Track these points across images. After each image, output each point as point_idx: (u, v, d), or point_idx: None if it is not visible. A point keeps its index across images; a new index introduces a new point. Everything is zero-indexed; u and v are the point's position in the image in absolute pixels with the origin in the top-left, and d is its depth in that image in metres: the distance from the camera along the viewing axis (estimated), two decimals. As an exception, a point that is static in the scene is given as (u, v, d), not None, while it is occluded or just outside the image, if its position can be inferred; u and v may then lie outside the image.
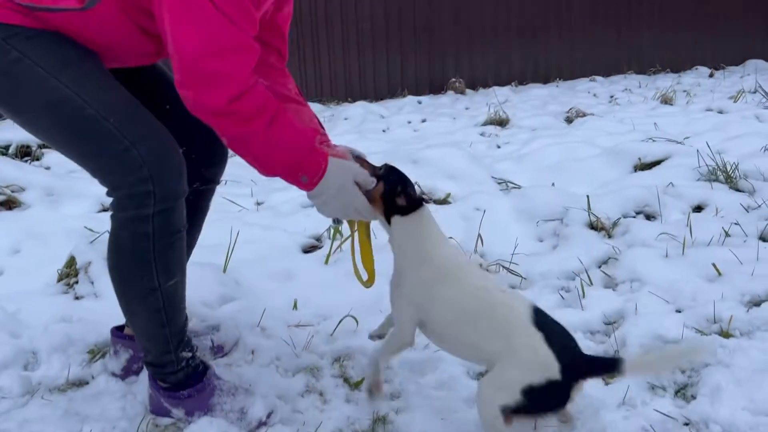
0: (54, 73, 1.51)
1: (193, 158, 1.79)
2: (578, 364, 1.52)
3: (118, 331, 1.97)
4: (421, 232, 1.71)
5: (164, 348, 1.71)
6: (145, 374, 1.87)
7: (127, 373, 1.95)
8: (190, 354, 1.76)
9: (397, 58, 9.11)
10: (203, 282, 2.52)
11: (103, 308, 2.39)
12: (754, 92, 6.85)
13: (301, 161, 1.62)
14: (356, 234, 1.88)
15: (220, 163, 2.00)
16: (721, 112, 5.81)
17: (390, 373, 2.04)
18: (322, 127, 1.97)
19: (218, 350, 2.11)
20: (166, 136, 1.64)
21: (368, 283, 1.90)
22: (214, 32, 1.45)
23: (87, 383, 1.98)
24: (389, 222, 1.74)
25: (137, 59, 1.72)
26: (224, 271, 2.71)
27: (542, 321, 1.56)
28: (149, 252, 1.61)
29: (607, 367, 1.57)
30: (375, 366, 1.82)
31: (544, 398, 1.50)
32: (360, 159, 1.82)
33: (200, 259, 2.89)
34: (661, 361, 1.57)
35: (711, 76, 9.60)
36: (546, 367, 1.48)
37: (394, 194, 1.71)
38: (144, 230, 1.59)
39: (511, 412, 1.51)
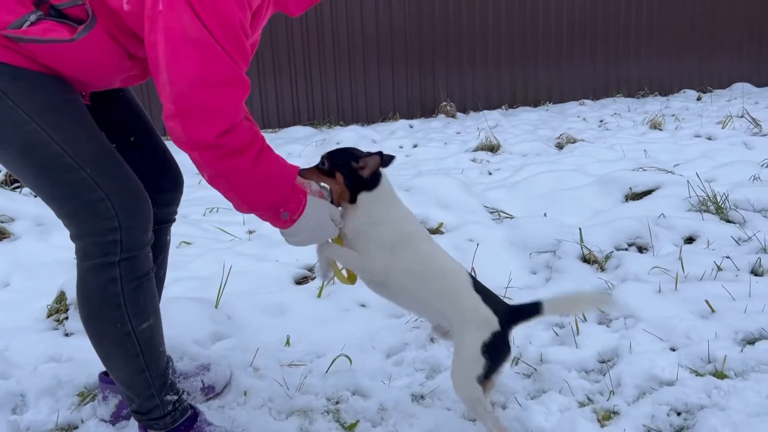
0: (34, 117, 1.49)
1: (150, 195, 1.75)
2: (510, 314, 1.78)
3: (106, 376, 1.94)
4: (387, 198, 1.82)
5: (147, 393, 1.68)
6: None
7: (117, 418, 1.92)
8: (175, 397, 1.74)
9: (388, 82, 9.16)
10: (195, 318, 2.50)
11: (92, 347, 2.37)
12: (741, 116, 6.92)
13: (284, 198, 1.63)
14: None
15: (174, 202, 1.97)
16: (709, 138, 5.87)
17: (383, 413, 2.02)
18: None
19: (209, 391, 2.08)
20: (138, 187, 1.64)
21: (350, 281, 1.91)
22: (211, 64, 1.45)
23: (76, 428, 1.95)
24: (355, 201, 1.79)
25: (123, 82, 1.71)
26: (216, 306, 2.69)
27: (477, 285, 1.81)
28: (118, 296, 1.60)
29: (531, 310, 1.81)
30: (323, 253, 1.85)
31: (496, 351, 1.74)
32: (304, 172, 1.80)
33: (191, 293, 2.88)
34: (572, 304, 1.97)
35: (699, 99, 9.71)
36: (489, 322, 1.73)
37: (356, 171, 1.76)
38: (111, 275, 1.58)
39: (483, 381, 1.72)
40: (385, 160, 1.80)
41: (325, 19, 8.63)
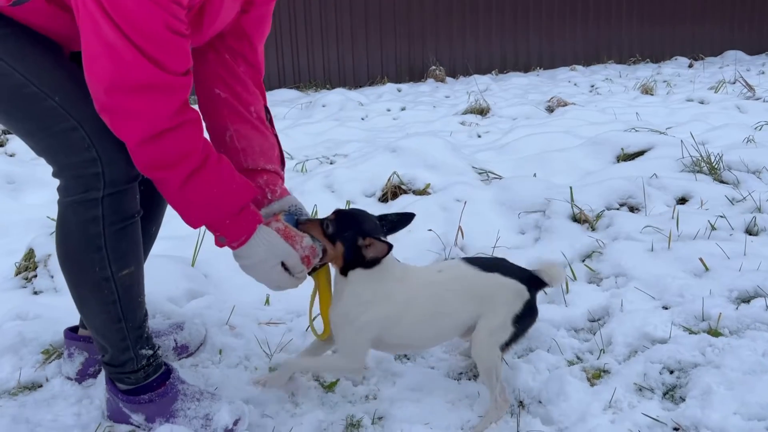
0: None
1: None
2: (532, 279, 1.77)
3: (71, 332, 1.84)
4: (383, 275, 1.69)
5: (122, 345, 1.58)
6: (103, 377, 1.74)
7: (83, 376, 1.82)
8: (150, 351, 1.64)
9: (377, 45, 8.97)
10: (169, 276, 2.39)
11: (62, 304, 2.25)
12: (734, 83, 6.84)
13: (220, 224, 1.52)
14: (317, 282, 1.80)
15: None
16: (702, 103, 5.77)
17: (365, 372, 1.93)
18: (282, 162, 1.84)
19: (182, 350, 1.99)
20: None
21: (323, 336, 1.80)
22: (126, 69, 1.33)
23: (40, 386, 1.84)
24: (345, 274, 1.70)
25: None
26: (192, 264, 2.58)
27: (485, 264, 1.79)
28: (99, 237, 1.49)
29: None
30: (288, 370, 1.81)
31: (527, 318, 1.74)
32: (305, 224, 1.68)
33: (167, 251, 2.77)
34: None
35: (690, 66, 9.61)
36: (519, 293, 1.73)
37: (359, 251, 1.65)
38: (93, 214, 1.48)
39: (504, 348, 1.72)
40: (398, 222, 1.76)
41: (312, -21, 8.40)
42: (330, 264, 1.75)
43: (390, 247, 1.64)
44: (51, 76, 1.45)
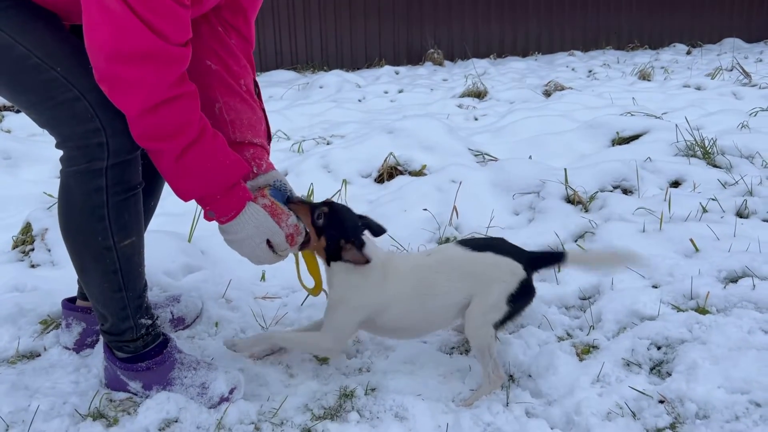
0: None
1: None
2: (533, 260, 1.79)
3: (69, 303, 1.87)
4: (365, 268, 1.72)
5: (122, 314, 1.61)
6: (101, 347, 1.77)
7: (81, 346, 1.85)
8: (149, 321, 1.67)
9: (374, 27, 8.93)
10: (166, 251, 2.42)
11: (59, 277, 2.28)
12: (731, 70, 6.84)
13: (211, 198, 1.55)
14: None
15: None
16: (698, 89, 5.79)
17: (359, 345, 1.97)
18: (269, 137, 1.86)
19: (178, 323, 2.01)
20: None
21: (315, 291, 1.84)
22: (126, 37, 1.34)
23: (39, 355, 1.88)
24: (328, 263, 1.75)
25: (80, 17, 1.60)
26: (189, 240, 2.60)
27: (478, 244, 1.82)
28: (102, 207, 1.51)
29: (553, 258, 1.85)
30: (267, 342, 1.82)
31: (522, 298, 1.75)
32: (296, 204, 1.71)
33: (164, 227, 2.79)
34: (598, 260, 1.93)
35: (688, 53, 9.60)
36: (514, 272, 1.73)
37: (339, 249, 1.70)
38: (97, 184, 1.49)
39: (498, 326, 1.74)
40: (375, 231, 1.77)
41: (310, -41, 8.34)
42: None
43: (368, 262, 1.68)
44: (53, 47, 1.46)
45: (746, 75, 5.91)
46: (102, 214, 1.52)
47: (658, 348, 1.84)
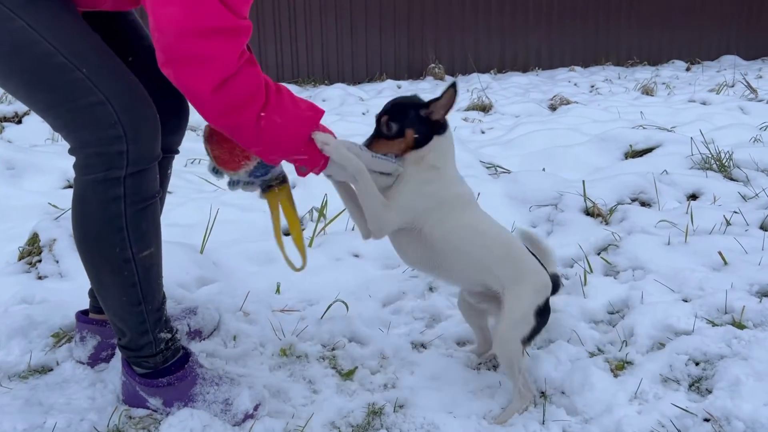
0: (19, 13, 1.32)
1: None
2: (555, 280, 1.77)
3: (83, 315, 1.79)
4: (450, 165, 1.67)
5: (141, 328, 1.53)
6: (116, 361, 1.69)
7: (96, 360, 1.77)
8: (169, 335, 1.59)
9: (376, 42, 8.92)
10: (178, 262, 2.34)
11: (69, 289, 2.20)
12: (733, 86, 6.85)
13: (299, 151, 1.49)
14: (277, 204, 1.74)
15: (178, 130, 1.79)
16: (704, 104, 5.78)
17: (382, 361, 1.90)
18: None
19: (196, 335, 1.94)
20: (142, 91, 1.47)
21: (301, 267, 1.76)
22: (199, 10, 1.29)
23: (51, 370, 1.79)
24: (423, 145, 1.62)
25: (113, 5, 1.53)
26: (201, 251, 2.53)
27: (526, 245, 1.77)
28: (121, 217, 1.44)
29: (556, 286, 1.80)
30: (350, 167, 1.55)
31: (545, 315, 1.69)
32: (373, 145, 1.62)
33: (175, 238, 2.71)
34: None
35: (688, 69, 9.64)
36: (546, 286, 1.70)
37: (428, 123, 1.61)
38: (114, 193, 1.43)
39: (525, 341, 1.66)
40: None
41: (312, -26, 8.35)
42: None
43: (453, 86, 1.58)
44: (79, 46, 1.40)
45: (752, 90, 5.91)
46: (120, 225, 1.45)
47: (696, 364, 1.77)
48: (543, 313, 1.68)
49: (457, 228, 1.63)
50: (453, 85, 1.58)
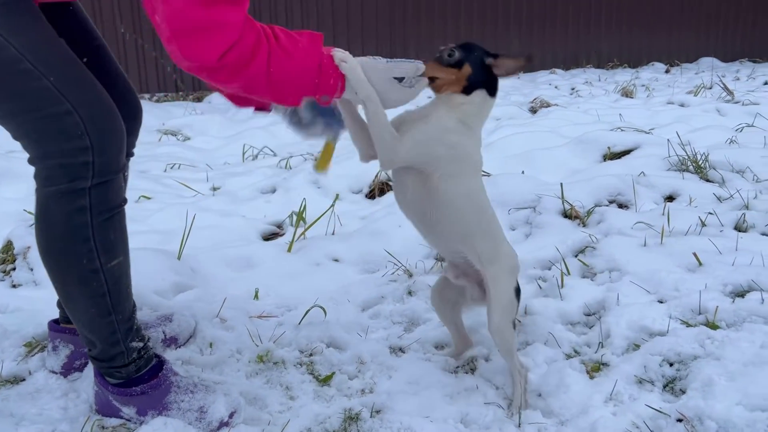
0: None
1: None
2: None
3: (56, 324, 1.76)
4: (487, 109, 1.68)
5: (112, 339, 1.52)
6: (90, 371, 1.67)
7: (69, 370, 1.75)
8: (141, 344, 1.58)
9: (358, 51, 8.80)
10: (155, 269, 2.32)
11: (43, 297, 2.17)
12: (711, 87, 6.93)
13: (313, 85, 1.45)
14: None
15: (133, 132, 1.76)
16: (682, 105, 5.84)
17: (360, 366, 1.89)
18: None
19: (171, 342, 1.92)
20: (110, 102, 1.45)
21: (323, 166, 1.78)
22: None
23: (23, 380, 1.77)
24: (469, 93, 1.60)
25: None
26: (179, 258, 2.51)
27: None
28: (87, 228, 1.42)
29: None
30: (361, 90, 1.51)
31: (519, 295, 1.75)
32: (428, 67, 1.58)
33: (151, 245, 2.69)
34: None
35: (667, 72, 9.74)
36: (517, 268, 1.75)
37: (489, 67, 1.61)
38: (79, 204, 1.40)
39: (514, 324, 1.71)
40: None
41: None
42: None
43: (530, 59, 1.63)
44: (47, 53, 1.37)
45: (729, 92, 5.98)
46: (87, 236, 1.43)
47: (671, 364, 1.79)
48: (518, 293, 1.74)
49: (463, 188, 1.62)
50: (529, 57, 1.61)
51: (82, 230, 1.42)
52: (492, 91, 1.65)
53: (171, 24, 1.29)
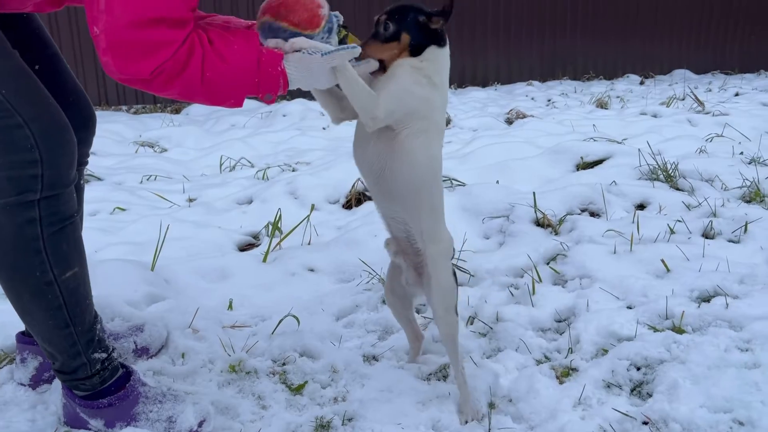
0: None
1: None
2: None
3: (24, 336, 1.75)
4: (445, 64, 1.65)
5: (72, 351, 1.50)
6: (58, 383, 1.66)
7: (38, 382, 1.74)
8: (104, 354, 1.57)
9: (336, 57, 8.96)
10: (127, 280, 2.31)
11: (10, 308, 2.12)
12: (683, 99, 7.06)
13: (254, 84, 1.44)
14: None
15: (86, 142, 1.77)
16: (655, 116, 5.93)
17: (333, 375, 1.90)
18: None
19: (143, 352, 1.91)
20: (61, 114, 1.44)
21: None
22: (149, 4, 1.28)
23: (-9, 393, 1.75)
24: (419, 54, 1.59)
25: (36, 6, 1.51)
26: (152, 268, 2.50)
27: None
28: (37, 240, 1.41)
29: None
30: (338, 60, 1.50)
31: (456, 277, 1.72)
32: (366, 49, 1.56)
33: (124, 257, 2.68)
34: None
35: (642, 83, 9.90)
36: (453, 250, 1.74)
37: (426, 31, 1.60)
38: (29, 216, 1.40)
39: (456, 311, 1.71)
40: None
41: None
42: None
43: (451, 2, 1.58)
44: (0, 67, 1.37)
45: (700, 103, 6.10)
46: (37, 248, 1.42)
47: (638, 369, 1.82)
48: (455, 275, 1.72)
49: (426, 148, 1.59)
50: (451, 2, 1.58)
51: (33, 242, 1.41)
52: (441, 42, 1.63)
53: (110, 37, 1.30)
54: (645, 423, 1.59)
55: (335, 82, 1.54)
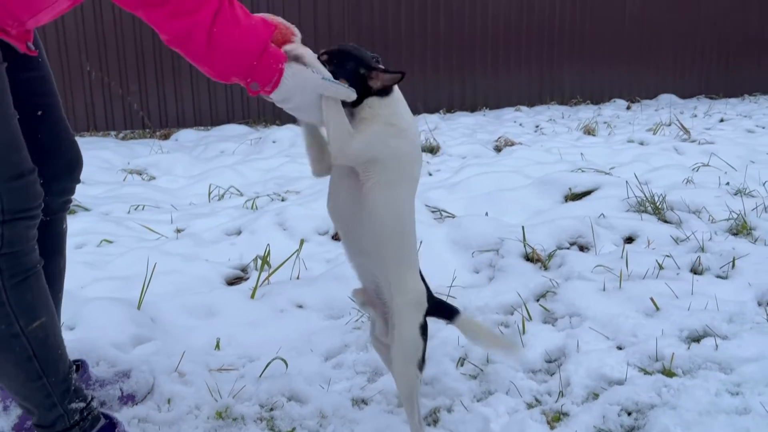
0: None
1: (42, 183, 1.49)
2: (432, 303, 1.67)
3: (6, 383, 1.71)
4: (398, 106, 1.61)
5: (47, 402, 1.47)
6: (41, 432, 1.62)
7: (20, 431, 1.70)
8: (82, 404, 1.53)
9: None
10: (114, 320, 2.29)
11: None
12: (669, 125, 7.14)
13: (249, 67, 1.41)
14: None
15: (69, 191, 1.74)
16: (642, 144, 5.99)
17: (321, 420, 1.88)
18: None
19: (129, 399, 1.88)
20: (30, 176, 1.41)
21: None
22: None
23: (-29, 443, 1.71)
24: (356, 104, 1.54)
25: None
26: (139, 307, 2.47)
27: None
28: (0, 292, 1.38)
29: (446, 312, 1.73)
30: (318, 89, 1.48)
31: (426, 332, 1.64)
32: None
33: (111, 294, 2.65)
34: (481, 335, 1.79)
35: (628, 108, 10.02)
36: (423, 305, 1.63)
37: (364, 80, 1.53)
38: None
39: (420, 367, 1.64)
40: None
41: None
42: None
43: (402, 74, 1.53)
44: None
45: (685, 131, 6.17)
46: (1, 300, 1.38)
47: (629, 414, 1.81)
48: (425, 330, 1.63)
49: (393, 203, 1.55)
50: (403, 76, 1.55)
51: None
52: (382, 93, 1.55)
53: None
54: (637, 473, 1.58)
55: (318, 118, 1.52)
